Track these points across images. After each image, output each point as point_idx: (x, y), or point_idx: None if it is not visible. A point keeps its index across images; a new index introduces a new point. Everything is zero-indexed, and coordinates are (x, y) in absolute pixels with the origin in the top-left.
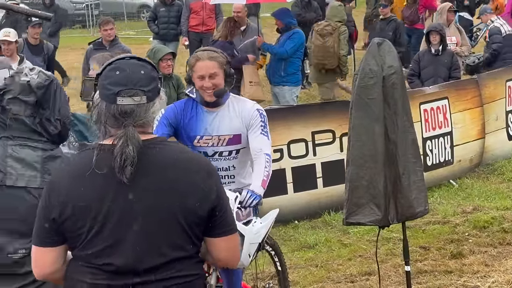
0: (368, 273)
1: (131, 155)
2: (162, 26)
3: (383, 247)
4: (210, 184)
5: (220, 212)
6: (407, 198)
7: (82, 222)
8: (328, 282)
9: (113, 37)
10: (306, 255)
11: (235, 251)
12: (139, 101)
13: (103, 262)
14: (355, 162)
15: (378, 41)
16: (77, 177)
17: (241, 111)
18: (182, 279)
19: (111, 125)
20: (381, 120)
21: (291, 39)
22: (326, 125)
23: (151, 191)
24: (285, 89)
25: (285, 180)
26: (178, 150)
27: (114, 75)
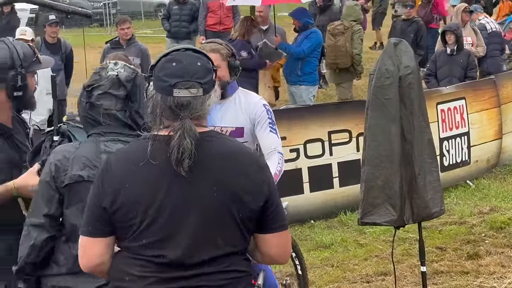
0: (384, 273)
1: (188, 148)
2: (174, 24)
3: (399, 248)
4: (262, 177)
5: (272, 207)
6: (423, 199)
7: (134, 213)
8: (344, 282)
9: (130, 36)
10: (322, 255)
11: (286, 247)
12: (196, 93)
13: (154, 253)
14: (370, 162)
15: (394, 41)
16: (131, 166)
17: (247, 105)
18: (231, 274)
19: (167, 117)
20: (398, 120)
21: (308, 39)
22: (343, 125)
23: (206, 183)
24: (301, 88)
25: (301, 180)
26: (231, 143)
27: (171, 67)
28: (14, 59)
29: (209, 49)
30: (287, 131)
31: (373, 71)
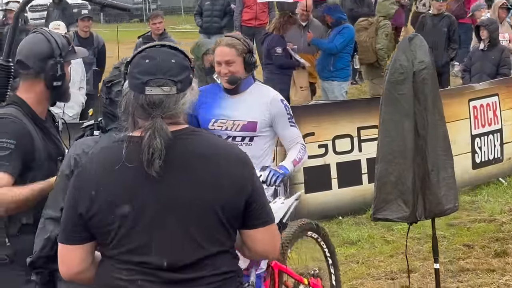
0: (410, 271)
1: (158, 148)
2: (206, 19)
3: (426, 244)
4: (245, 173)
5: (256, 202)
6: (436, 195)
7: (111, 218)
8: (368, 279)
9: (162, 30)
10: (348, 251)
11: (273, 243)
12: (169, 92)
13: (138, 260)
14: (384, 158)
15: (410, 36)
16: (107, 170)
17: (262, 99)
18: (221, 276)
19: (139, 116)
20: (411, 116)
21: (340, 34)
22: (373, 121)
23: (185, 184)
24: (334, 84)
25: (330, 176)
26: (210, 139)
27: (144, 64)
28: (54, 48)
29: (225, 43)
30: (315, 126)
31: (388, 66)
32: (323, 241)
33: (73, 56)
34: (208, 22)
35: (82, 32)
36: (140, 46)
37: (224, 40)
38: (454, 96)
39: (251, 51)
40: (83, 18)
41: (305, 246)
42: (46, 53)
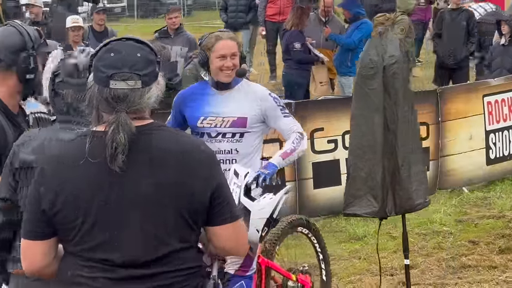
0: (410, 267)
1: (122, 143)
2: (231, 15)
3: (431, 241)
4: (210, 169)
5: (220, 199)
6: (406, 190)
7: (75, 214)
8: (366, 275)
9: (177, 25)
10: (352, 247)
11: (238, 239)
12: (133, 86)
13: (100, 257)
14: (354, 153)
15: (380, 30)
16: (70, 165)
17: (252, 96)
18: (186, 271)
19: (103, 110)
20: (381, 111)
21: (358, 30)
22: None
23: (148, 180)
24: (351, 79)
25: (339, 171)
26: (175, 135)
27: (108, 57)
28: (26, 41)
29: (228, 37)
30: (325, 122)
31: (358, 61)
32: (313, 236)
33: (45, 49)
34: (233, 17)
35: (97, 26)
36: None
37: (225, 33)
38: (468, 91)
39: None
40: (98, 11)
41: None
42: (18, 45)
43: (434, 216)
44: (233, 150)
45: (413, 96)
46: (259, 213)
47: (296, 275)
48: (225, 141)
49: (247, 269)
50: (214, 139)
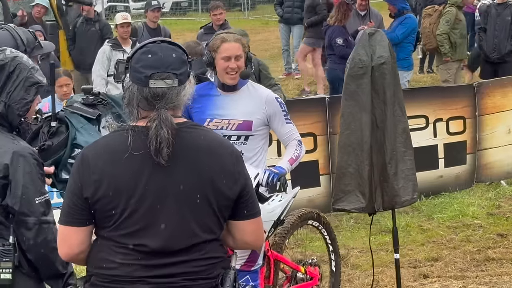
0: (434, 259)
1: (165, 137)
2: (287, 10)
3: (461, 234)
4: (238, 167)
5: (247, 195)
6: (393, 187)
7: (116, 203)
8: (389, 267)
9: (222, 21)
10: (381, 239)
11: (260, 234)
12: (171, 84)
13: (135, 242)
14: (343, 150)
15: (370, 31)
16: (113, 157)
17: (257, 99)
18: (209, 260)
19: (143, 108)
20: (369, 109)
21: (402, 24)
22: (419, 111)
23: (184, 173)
24: None
25: None
26: (208, 133)
27: (147, 58)
28: (18, 44)
29: (234, 39)
30: None
31: (348, 60)
32: (324, 229)
33: (40, 51)
34: (289, 12)
35: (151, 23)
36: (201, 37)
37: (230, 35)
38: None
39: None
40: (153, 9)
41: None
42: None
43: (467, 209)
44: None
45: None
46: (268, 216)
47: (305, 267)
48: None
49: (252, 264)
50: None
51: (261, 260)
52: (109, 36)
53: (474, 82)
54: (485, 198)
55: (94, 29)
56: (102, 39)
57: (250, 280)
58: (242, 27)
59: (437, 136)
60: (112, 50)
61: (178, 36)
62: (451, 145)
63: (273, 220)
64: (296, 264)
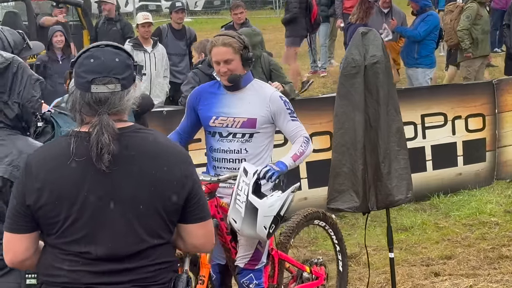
0: (447, 257)
1: (106, 143)
2: None
3: (477, 231)
4: (186, 171)
5: (195, 199)
6: (386, 186)
7: (59, 210)
8: (402, 265)
9: (243, 20)
10: (397, 237)
11: (209, 237)
12: (113, 89)
13: (81, 250)
14: (337, 150)
15: (363, 31)
16: (55, 163)
17: (262, 97)
18: (159, 266)
19: (86, 113)
20: (362, 109)
21: (425, 22)
22: (437, 108)
23: (129, 179)
24: (418, 71)
25: None
26: (155, 137)
27: (89, 63)
28: (5, 46)
29: (221, 43)
30: None
31: (342, 60)
32: (330, 229)
33: (28, 53)
34: None
35: (176, 24)
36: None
37: (220, 39)
38: None
39: (247, 47)
40: (177, 10)
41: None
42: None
43: (485, 207)
44: (242, 149)
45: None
46: (267, 211)
47: (310, 267)
48: (235, 141)
49: (256, 263)
50: (225, 139)
51: (265, 259)
52: (130, 35)
53: (494, 79)
54: (504, 195)
55: (115, 29)
56: (123, 38)
57: (254, 279)
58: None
59: (456, 134)
60: (133, 49)
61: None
62: (470, 143)
63: (273, 215)
64: (301, 264)
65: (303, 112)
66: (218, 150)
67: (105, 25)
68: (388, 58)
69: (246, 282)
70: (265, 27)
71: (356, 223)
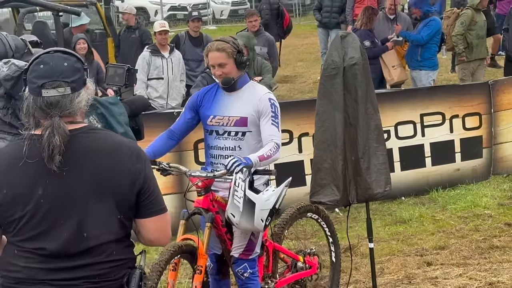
0: (441, 248)
1: (57, 145)
2: (325, 14)
3: (471, 223)
4: (138, 166)
5: (147, 193)
6: (365, 180)
7: (14, 210)
8: (397, 255)
9: (257, 27)
10: (396, 229)
11: (164, 231)
12: (63, 92)
13: (35, 246)
14: (318, 146)
15: (342, 34)
16: (9, 166)
17: (253, 98)
18: (113, 263)
19: (39, 117)
20: (342, 108)
21: (427, 26)
22: (436, 108)
23: (81, 177)
24: (421, 73)
25: (392, 159)
26: (107, 136)
27: (39, 69)
28: (7, 50)
29: (215, 48)
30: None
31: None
32: (323, 221)
33: (30, 57)
34: (327, 17)
35: (193, 32)
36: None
37: (214, 44)
38: None
39: (241, 52)
40: (193, 19)
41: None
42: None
43: (480, 200)
44: (236, 147)
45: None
46: (264, 205)
47: (304, 257)
48: (230, 138)
49: (250, 253)
50: (221, 136)
51: (258, 249)
52: (149, 42)
53: (489, 80)
54: (500, 189)
55: (135, 36)
56: (142, 45)
57: (248, 268)
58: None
59: (454, 132)
60: (152, 55)
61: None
62: (468, 140)
63: (269, 209)
64: (295, 254)
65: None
66: (214, 147)
67: (126, 33)
68: (367, 59)
69: (241, 271)
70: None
71: (358, 216)
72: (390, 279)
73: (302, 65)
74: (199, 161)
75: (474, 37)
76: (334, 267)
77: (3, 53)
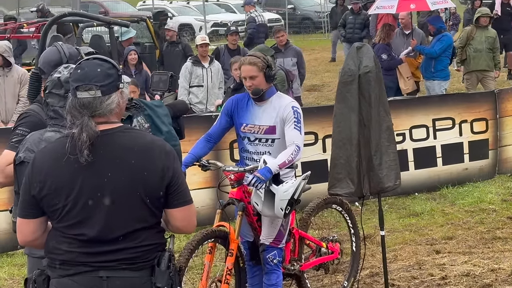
0: (449, 238)
1: (84, 141)
2: (349, 31)
3: (476, 217)
4: (167, 162)
5: (175, 186)
6: (377, 175)
7: (58, 199)
8: (410, 244)
9: (284, 42)
10: (408, 221)
11: (190, 220)
12: (94, 95)
13: (76, 232)
14: (335, 144)
15: (358, 45)
16: (55, 160)
17: (279, 107)
18: (144, 247)
19: (76, 116)
20: (357, 110)
21: (440, 41)
22: (446, 113)
23: (116, 172)
24: (434, 83)
25: (407, 159)
26: (140, 135)
27: (76, 73)
28: (62, 57)
29: (248, 62)
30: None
31: (340, 69)
32: (346, 213)
33: None
34: (350, 33)
35: (231, 45)
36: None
37: (247, 59)
38: None
39: (270, 66)
40: (232, 33)
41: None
42: (56, 60)
43: (485, 196)
44: (266, 152)
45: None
46: (282, 195)
47: (327, 243)
48: (261, 144)
49: (279, 242)
50: (253, 143)
51: (285, 239)
52: (191, 54)
53: (495, 89)
54: (504, 187)
55: (178, 49)
56: (185, 57)
57: (277, 255)
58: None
59: (463, 135)
60: (193, 65)
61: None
62: (475, 143)
63: (287, 199)
64: (319, 241)
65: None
66: (247, 151)
67: (169, 47)
68: (379, 68)
69: (271, 257)
70: (314, 48)
71: (376, 209)
72: (402, 265)
73: (329, 75)
74: (234, 158)
75: (472, 51)
76: (354, 255)
77: (59, 60)
